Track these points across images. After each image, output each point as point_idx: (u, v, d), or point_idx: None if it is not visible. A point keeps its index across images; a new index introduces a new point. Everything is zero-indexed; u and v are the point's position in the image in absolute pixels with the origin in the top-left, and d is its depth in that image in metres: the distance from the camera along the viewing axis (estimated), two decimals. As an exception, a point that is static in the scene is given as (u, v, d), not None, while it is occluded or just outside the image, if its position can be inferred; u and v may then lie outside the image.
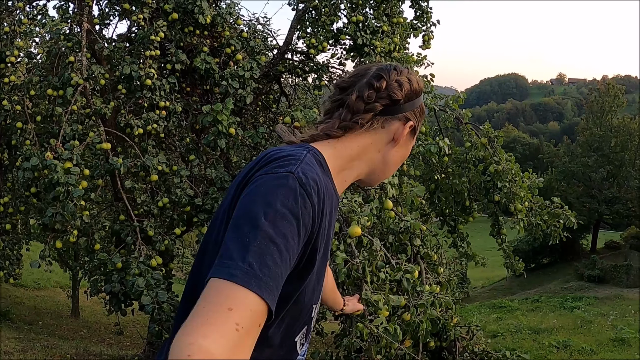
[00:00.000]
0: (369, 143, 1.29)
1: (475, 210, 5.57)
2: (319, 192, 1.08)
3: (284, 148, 1.19)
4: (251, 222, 0.96)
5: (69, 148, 3.91)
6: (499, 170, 4.96)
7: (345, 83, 1.34)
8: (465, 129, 5.23)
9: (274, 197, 0.99)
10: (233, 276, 0.88)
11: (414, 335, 2.79)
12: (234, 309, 0.85)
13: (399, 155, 1.35)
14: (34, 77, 4.94)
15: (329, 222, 1.18)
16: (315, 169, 1.13)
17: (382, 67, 1.32)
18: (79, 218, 3.78)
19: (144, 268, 3.42)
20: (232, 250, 0.93)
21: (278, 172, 1.04)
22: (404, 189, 3.74)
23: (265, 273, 0.91)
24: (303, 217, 1.01)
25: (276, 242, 0.95)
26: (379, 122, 1.28)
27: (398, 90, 1.27)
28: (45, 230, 3.80)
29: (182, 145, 5.01)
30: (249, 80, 4.90)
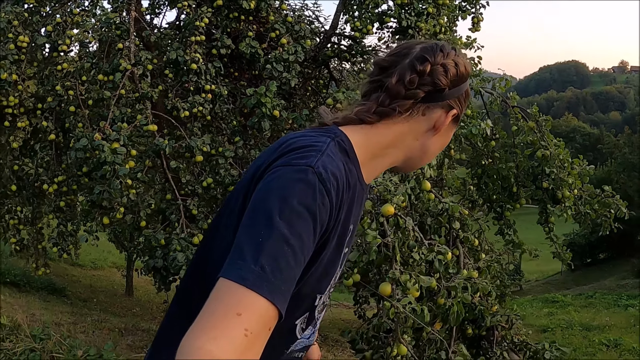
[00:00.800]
0: (406, 131, 1.20)
1: (523, 197, 5.43)
2: (339, 187, 1.02)
3: (307, 134, 1.13)
4: (266, 220, 0.91)
5: (116, 129, 4.06)
6: (547, 155, 4.82)
7: (385, 62, 1.23)
8: (513, 112, 5.10)
9: (291, 193, 0.94)
10: (244, 279, 0.85)
11: (444, 318, 2.77)
12: (243, 314, 0.83)
13: (438, 143, 1.27)
14: (85, 64, 5.15)
15: (346, 215, 1.12)
16: (337, 160, 1.06)
17: (427, 46, 1.21)
18: (126, 196, 3.92)
19: (185, 244, 3.52)
20: (245, 250, 0.89)
21: (297, 165, 0.98)
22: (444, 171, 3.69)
23: (278, 277, 0.88)
24: (320, 215, 0.96)
25: (291, 243, 0.91)
26: (419, 109, 1.18)
27: (443, 76, 1.17)
28: (93, 207, 3.97)
29: (228, 128, 5.11)
30: (293, 64, 4.94)
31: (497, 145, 5.27)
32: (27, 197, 5.35)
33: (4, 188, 5.26)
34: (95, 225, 3.89)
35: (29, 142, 5.31)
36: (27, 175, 5.29)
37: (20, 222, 5.32)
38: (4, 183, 5.20)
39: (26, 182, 5.29)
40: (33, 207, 5.38)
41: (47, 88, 5.12)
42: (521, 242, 5.86)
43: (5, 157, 5.15)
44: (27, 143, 5.29)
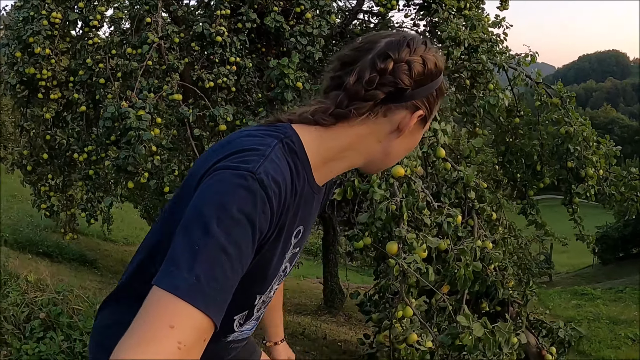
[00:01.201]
0: (366, 133, 1.12)
1: (547, 176, 5.37)
2: (281, 194, 0.99)
3: (253, 133, 1.07)
4: (203, 227, 0.88)
5: (142, 98, 4.19)
6: (570, 132, 4.76)
7: (347, 57, 1.14)
8: (537, 88, 5.05)
9: (230, 200, 0.91)
10: (177, 289, 0.82)
11: (452, 282, 2.80)
12: (176, 326, 0.80)
13: (403, 146, 1.19)
14: (115, 38, 5.31)
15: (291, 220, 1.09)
16: (282, 164, 1.01)
17: (393, 41, 1.10)
18: (150, 162, 4.05)
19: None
20: (180, 257, 0.86)
21: (238, 170, 0.94)
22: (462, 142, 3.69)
23: (213, 287, 0.85)
24: (260, 222, 0.94)
25: (228, 252, 0.88)
26: (380, 111, 1.10)
27: (406, 75, 1.08)
28: (118, 172, 4.11)
29: (253, 100, 5.20)
30: (317, 38, 4.99)
31: (522, 122, 5.23)
32: (58, 166, 5.55)
33: (36, 157, 5.45)
34: (120, 189, 4.02)
35: (61, 114, 5.49)
36: (59, 145, 5.49)
37: (51, 189, 5.52)
38: (37, 152, 5.40)
39: (58, 152, 5.49)
40: (64, 176, 5.57)
41: (79, 62, 5.28)
42: (544, 223, 5.82)
43: (38, 127, 5.34)
44: (59, 115, 5.47)
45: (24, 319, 3.75)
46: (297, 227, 1.16)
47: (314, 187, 1.14)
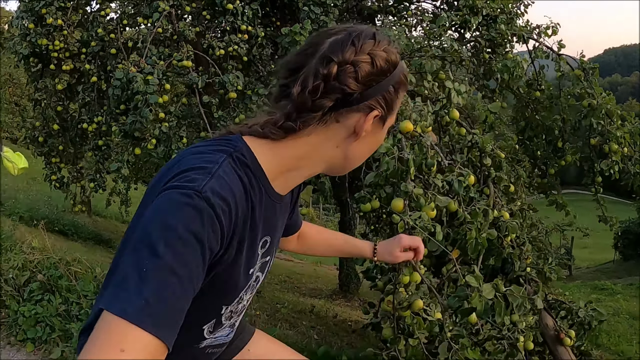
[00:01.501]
0: (321, 141, 1.09)
1: (569, 154, 5.17)
2: (231, 210, 0.97)
3: (201, 150, 1.04)
4: (150, 248, 0.87)
5: (151, 63, 4.11)
6: (594, 104, 4.55)
7: (292, 63, 1.09)
8: (558, 60, 4.84)
9: (176, 220, 0.90)
10: (126, 313, 0.82)
11: (462, 246, 2.65)
12: (126, 350, 0.80)
13: (365, 148, 1.15)
14: (127, 9, 5.25)
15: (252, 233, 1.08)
16: (231, 180, 0.99)
17: (337, 40, 1.04)
18: (158, 128, 3.97)
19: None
20: (128, 279, 0.85)
21: (184, 189, 0.92)
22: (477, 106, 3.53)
23: (162, 309, 0.85)
24: (209, 240, 0.93)
25: (177, 272, 0.87)
26: (331, 117, 1.06)
27: (352, 79, 1.02)
28: (125, 137, 4.05)
29: (266, 71, 5.10)
30: (332, 8, 4.87)
31: (542, 97, 5.03)
32: (69, 138, 5.52)
33: (48, 128, 5.43)
34: (127, 155, 3.96)
35: (73, 87, 5.45)
36: (70, 117, 5.46)
37: (62, 161, 5.49)
38: (48, 123, 5.37)
39: (69, 124, 5.46)
40: (75, 148, 5.55)
41: (91, 33, 5.24)
42: (565, 203, 5.62)
43: (49, 98, 5.31)
44: (71, 87, 5.43)
45: (24, 282, 3.74)
46: (263, 238, 1.15)
47: (274, 197, 1.13)
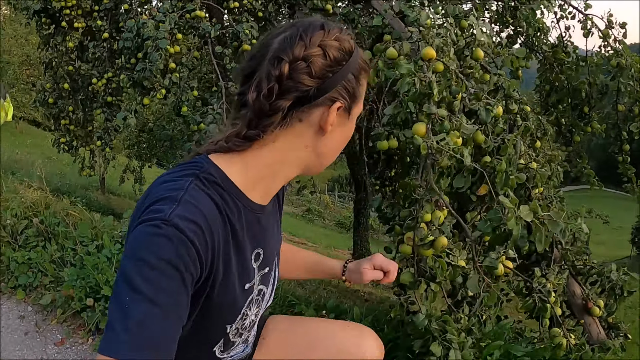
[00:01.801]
0: (289, 143, 1.06)
1: (595, 120, 4.95)
2: (204, 231, 0.95)
3: (169, 177, 1.03)
4: (129, 286, 0.89)
5: (162, 11, 3.97)
6: (622, 64, 4.31)
7: (246, 69, 1.06)
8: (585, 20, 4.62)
9: (148, 252, 0.90)
10: (117, 353, 0.85)
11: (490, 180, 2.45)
12: None
13: (334, 141, 1.11)
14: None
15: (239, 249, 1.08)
16: (201, 203, 0.98)
17: (285, 37, 1.01)
18: (168, 78, 3.83)
19: (220, 118, 3.38)
20: (114, 321, 0.88)
21: (151, 221, 0.93)
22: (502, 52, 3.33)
23: (149, 339, 0.87)
24: (186, 265, 0.92)
25: (158, 303, 0.88)
26: (293, 117, 1.03)
27: (306, 75, 0.99)
28: (134, 87, 3.92)
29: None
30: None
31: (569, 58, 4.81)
32: (80, 101, 5.41)
33: (58, 90, 5.31)
34: (135, 104, 3.82)
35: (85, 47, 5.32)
36: (82, 78, 5.34)
37: (72, 123, 5.38)
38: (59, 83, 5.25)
39: (80, 85, 5.34)
40: (85, 111, 5.43)
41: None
42: (590, 173, 5.37)
43: (60, 57, 5.19)
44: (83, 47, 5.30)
45: (21, 230, 3.65)
46: (254, 251, 1.15)
47: (255, 209, 1.12)
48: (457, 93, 2.38)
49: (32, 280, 3.35)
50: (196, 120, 3.64)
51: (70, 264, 3.41)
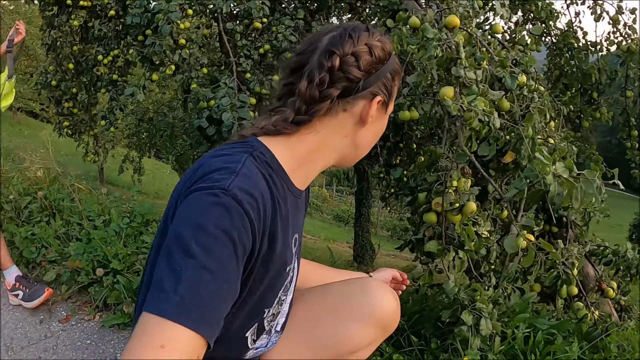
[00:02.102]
0: (331, 131, 1.15)
1: (604, 106, 4.92)
2: (259, 205, 0.99)
3: (223, 152, 1.08)
4: (183, 249, 0.90)
5: (175, -12, 3.91)
6: (633, 48, 4.30)
7: (294, 63, 1.16)
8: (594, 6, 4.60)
9: (206, 219, 0.92)
10: (164, 311, 0.84)
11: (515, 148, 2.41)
12: (166, 346, 0.81)
13: (371, 134, 1.21)
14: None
15: (283, 229, 1.10)
16: (255, 177, 1.02)
17: (335, 36, 1.12)
18: (178, 54, 3.77)
19: (232, 92, 3.33)
20: (164, 281, 0.88)
21: (210, 189, 0.95)
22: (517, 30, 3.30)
23: (199, 305, 0.86)
24: (240, 237, 0.94)
25: (210, 269, 0.88)
26: (339, 106, 1.13)
27: (355, 68, 1.10)
28: (143, 62, 3.86)
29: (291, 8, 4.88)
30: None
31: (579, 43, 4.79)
32: (84, 84, 5.32)
33: (62, 72, 5.23)
34: (143, 79, 3.76)
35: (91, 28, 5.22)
36: (86, 60, 5.26)
37: (75, 106, 5.29)
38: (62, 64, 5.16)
39: (84, 67, 5.26)
40: (89, 94, 5.35)
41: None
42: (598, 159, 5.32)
43: (65, 37, 5.10)
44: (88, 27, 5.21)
45: (24, 205, 3.58)
46: (293, 235, 1.19)
47: (295, 193, 1.17)
48: (481, 60, 2.34)
49: (36, 255, 3.27)
50: (206, 97, 3.57)
51: (76, 238, 3.33)
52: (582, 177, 1.85)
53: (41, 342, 2.57)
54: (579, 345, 2.15)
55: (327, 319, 1.43)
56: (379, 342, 1.50)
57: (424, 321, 2.14)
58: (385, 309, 1.42)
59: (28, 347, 2.53)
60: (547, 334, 2.21)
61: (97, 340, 2.59)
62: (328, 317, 1.43)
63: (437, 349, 2.03)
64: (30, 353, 2.48)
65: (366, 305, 1.41)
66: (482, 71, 2.39)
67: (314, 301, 1.48)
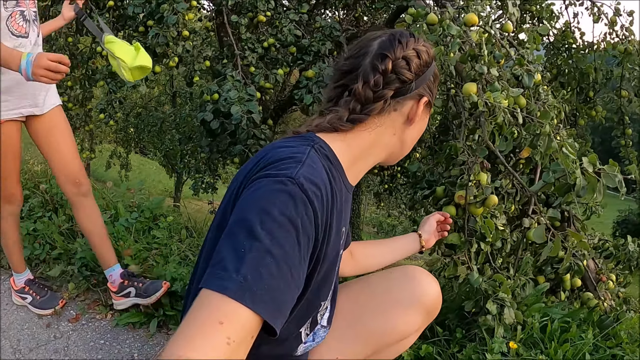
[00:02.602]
0: (382, 130, 1.21)
1: (599, 105, 5.01)
2: (322, 196, 1.01)
3: (286, 144, 1.12)
4: (247, 231, 0.90)
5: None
6: (630, 49, 4.37)
7: (346, 66, 1.22)
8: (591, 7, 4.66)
9: (271, 204, 0.93)
10: (226, 289, 0.84)
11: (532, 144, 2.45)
12: (225, 323, 0.81)
13: (415, 132, 1.28)
14: None
15: (337, 221, 1.13)
16: (319, 168, 1.06)
17: (385, 41, 1.19)
18: (182, 46, 3.73)
19: (239, 85, 3.30)
20: (227, 260, 0.88)
21: (277, 177, 0.97)
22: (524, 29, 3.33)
23: (260, 286, 0.86)
24: (304, 225, 0.95)
25: (273, 253, 0.89)
26: (390, 107, 1.20)
27: (406, 70, 1.17)
28: (146, 52, 3.79)
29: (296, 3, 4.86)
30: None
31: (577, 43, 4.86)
32: (78, 79, 5.23)
33: (57, 63, 5.12)
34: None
35: (87, 16, 5.15)
36: (81, 54, 5.17)
37: (70, 101, 5.20)
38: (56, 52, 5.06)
39: (79, 60, 5.17)
40: (84, 89, 5.26)
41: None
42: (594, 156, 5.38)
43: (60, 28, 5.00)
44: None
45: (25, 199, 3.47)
46: (342, 228, 1.22)
47: (348, 188, 1.22)
48: (500, 58, 2.38)
49: (40, 252, 3.18)
50: (211, 90, 3.55)
51: (81, 234, 3.26)
52: (603, 172, 1.90)
53: (50, 344, 2.46)
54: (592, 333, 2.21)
55: (373, 310, 1.46)
56: (424, 327, 1.55)
57: (447, 312, 2.17)
58: (429, 294, 1.48)
59: (37, 349, 2.43)
60: (562, 323, 2.26)
61: (112, 340, 2.50)
62: (374, 308, 1.46)
63: (463, 339, 2.06)
64: (39, 355, 2.39)
65: (411, 292, 1.46)
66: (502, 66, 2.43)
67: (359, 294, 1.51)
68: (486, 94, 2.10)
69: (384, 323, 1.44)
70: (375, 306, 1.47)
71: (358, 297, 1.50)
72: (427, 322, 1.53)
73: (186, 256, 2.98)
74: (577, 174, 1.86)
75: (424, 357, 1.99)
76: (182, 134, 8.76)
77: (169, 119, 8.86)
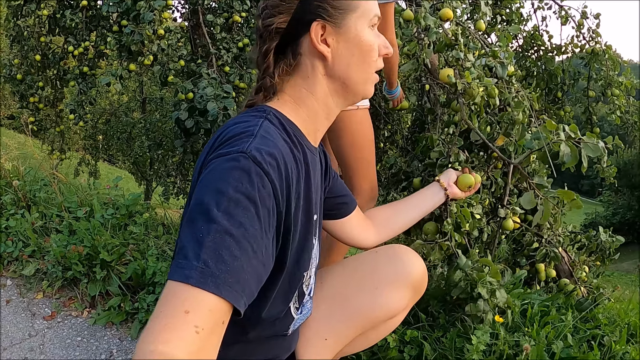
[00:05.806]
0: (310, 79, 1.16)
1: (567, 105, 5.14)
2: (279, 165, 0.99)
3: (240, 120, 1.09)
4: (204, 215, 0.89)
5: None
6: (597, 50, 4.52)
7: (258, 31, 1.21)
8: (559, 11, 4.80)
9: (225, 183, 0.91)
10: (188, 277, 0.83)
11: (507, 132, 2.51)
12: (191, 312, 0.81)
13: (346, 58, 1.16)
14: None
15: (306, 187, 1.11)
16: (274, 138, 1.03)
17: None
18: (157, 45, 3.71)
19: (215, 83, 3.29)
20: (187, 248, 0.87)
21: (229, 154, 0.96)
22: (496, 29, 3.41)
23: (223, 269, 0.85)
24: (262, 198, 0.93)
25: (232, 233, 0.87)
26: (295, 55, 1.15)
27: (275, 17, 1.12)
28: (121, 51, 3.77)
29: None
30: None
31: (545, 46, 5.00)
32: (50, 79, 5.15)
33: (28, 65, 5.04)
34: (121, 69, 3.67)
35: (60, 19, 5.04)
36: (53, 54, 5.09)
37: (41, 101, 5.11)
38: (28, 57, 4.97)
39: (51, 60, 5.09)
40: (55, 89, 5.18)
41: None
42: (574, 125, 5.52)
43: (33, 27, 4.92)
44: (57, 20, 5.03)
45: None
46: (314, 194, 1.17)
47: (312, 150, 1.19)
48: (474, 49, 2.44)
49: (13, 250, 3.11)
50: (186, 89, 3.53)
51: (56, 231, 3.20)
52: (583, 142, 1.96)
53: (25, 341, 2.40)
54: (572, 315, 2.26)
55: (360, 289, 1.46)
56: (411, 305, 1.55)
57: (429, 298, 2.19)
58: (415, 271, 1.47)
59: (11, 348, 2.36)
60: (541, 307, 2.32)
61: (89, 337, 2.45)
62: (361, 287, 1.46)
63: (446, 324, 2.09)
64: (14, 354, 2.31)
65: (397, 270, 1.46)
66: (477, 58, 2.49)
67: (345, 275, 1.51)
68: (465, 73, 2.15)
69: (372, 301, 1.43)
70: (363, 285, 1.46)
71: (344, 277, 1.50)
72: (415, 299, 1.53)
73: (164, 251, 2.95)
74: (562, 137, 1.92)
75: (410, 342, 2.01)
76: (152, 140, 8.66)
77: (139, 125, 8.76)
